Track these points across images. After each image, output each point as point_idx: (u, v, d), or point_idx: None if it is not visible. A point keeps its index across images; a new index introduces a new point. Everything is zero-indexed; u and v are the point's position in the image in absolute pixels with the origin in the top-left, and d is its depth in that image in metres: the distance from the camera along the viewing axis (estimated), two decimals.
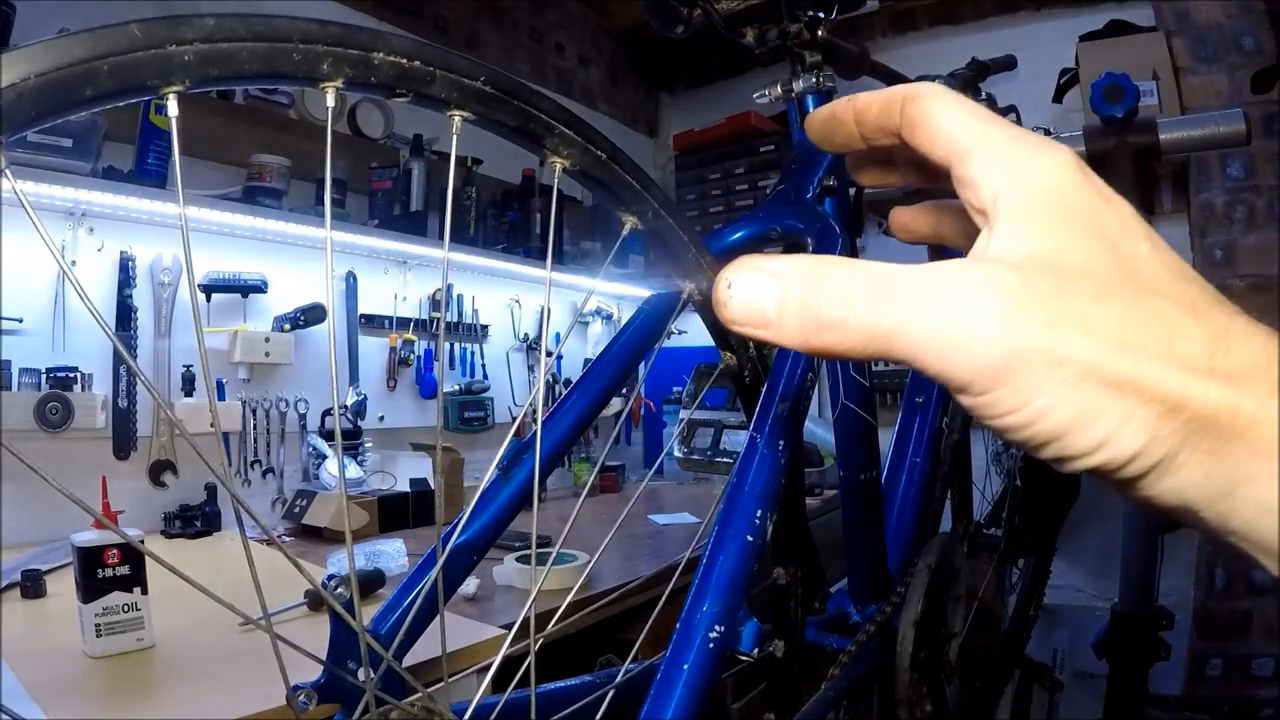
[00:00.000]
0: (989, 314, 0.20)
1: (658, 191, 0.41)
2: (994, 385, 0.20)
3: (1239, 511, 0.19)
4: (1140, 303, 0.20)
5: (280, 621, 0.92)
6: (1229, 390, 0.19)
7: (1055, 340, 0.19)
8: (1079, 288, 0.20)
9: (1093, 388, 0.19)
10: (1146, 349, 0.19)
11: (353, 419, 1.82)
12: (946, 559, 0.84)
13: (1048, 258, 0.21)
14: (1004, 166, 0.22)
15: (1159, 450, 0.19)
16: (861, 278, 0.21)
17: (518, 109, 0.34)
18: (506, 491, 0.51)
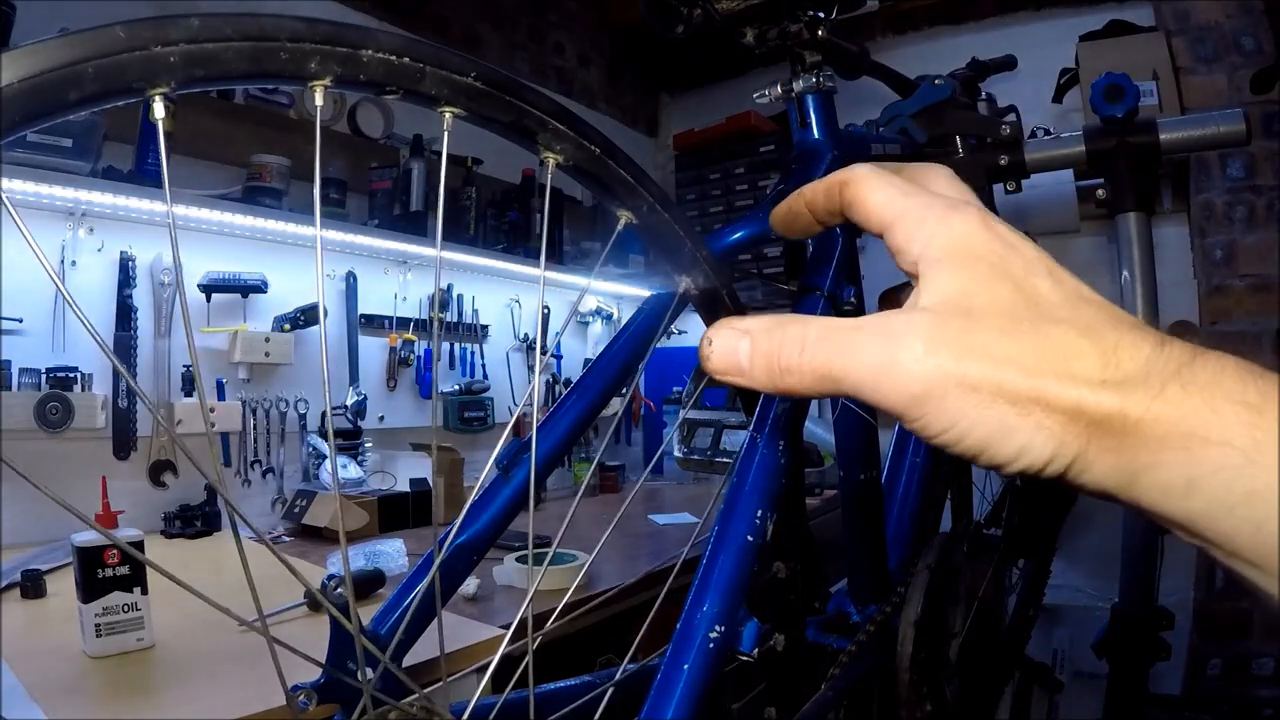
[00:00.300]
0: (909, 353, 0.24)
1: (653, 186, 0.41)
2: (921, 412, 0.24)
3: (1144, 495, 0.23)
4: (1039, 331, 0.24)
5: (281, 621, 0.92)
6: (1117, 397, 0.22)
7: (966, 370, 0.24)
8: (986, 324, 0.24)
9: (1003, 407, 0.23)
10: (1045, 370, 0.23)
11: (352, 419, 1.82)
12: (946, 559, 0.84)
13: (960, 301, 0.25)
14: (920, 233, 0.27)
15: (1068, 452, 0.23)
16: (813, 330, 0.26)
17: (510, 105, 0.33)
18: (506, 491, 0.51)
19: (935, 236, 0.26)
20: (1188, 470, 0.21)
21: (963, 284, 0.25)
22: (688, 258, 0.43)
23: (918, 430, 0.25)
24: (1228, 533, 0.21)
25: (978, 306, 0.25)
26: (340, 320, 1.89)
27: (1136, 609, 1.40)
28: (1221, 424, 0.21)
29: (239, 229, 1.61)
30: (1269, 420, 0.21)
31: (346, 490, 1.62)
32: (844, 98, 0.81)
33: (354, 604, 0.34)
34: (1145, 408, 0.22)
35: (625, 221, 0.40)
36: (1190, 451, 0.21)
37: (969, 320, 0.24)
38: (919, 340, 0.24)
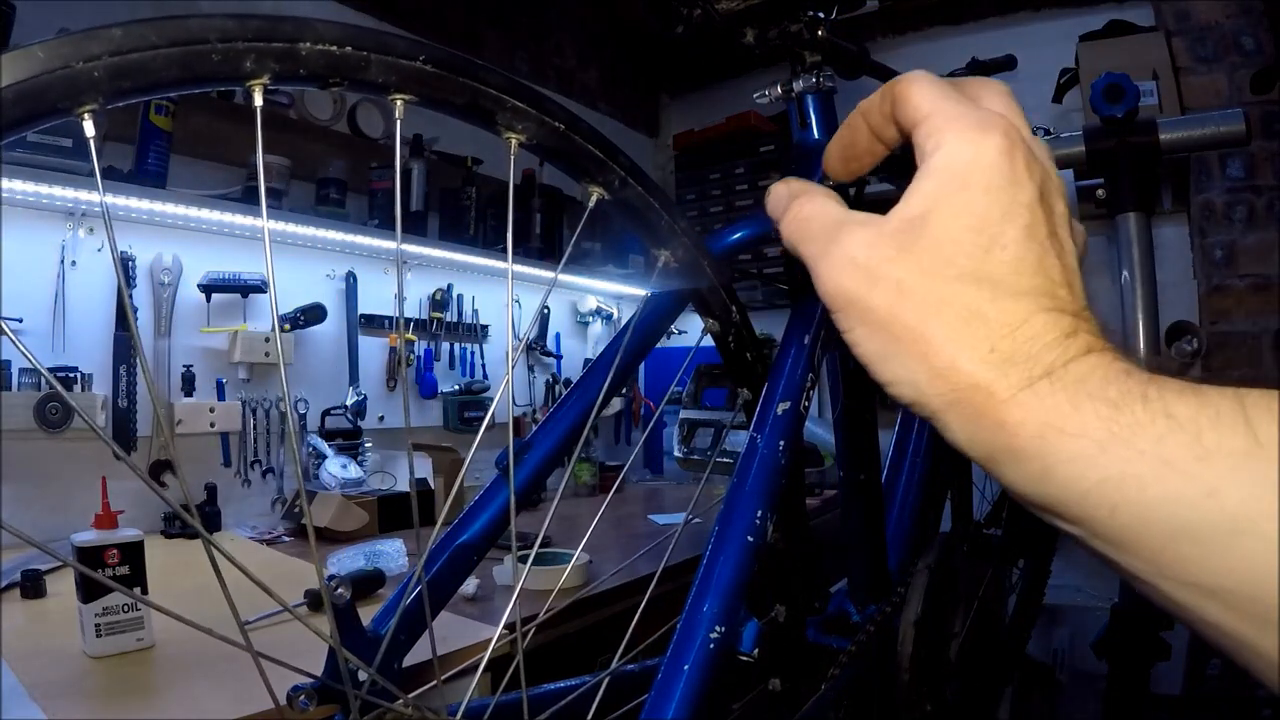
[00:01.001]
0: (836, 260, 0.27)
1: (623, 159, 0.40)
2: (833, 309, 0.27)
3: (1003, 474, 0.24)
4: (958, 285, 0.25)
5: (281, 622, 0.92)
6: (992, 374, 0.24)
7: (869, 294, 0.26)
8: (916, 258, 0.25)
9: (887, 336, 0.25)
10: (940, 321, 0.24)
11: (352, 419, 1.82)
12: (946, 559, 0.84)
13: (915, 223, 0.26)
14: (938, 135, 0.27)
15: (928, 405, 0.25)
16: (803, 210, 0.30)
17: (463, 86, 0.32)
18: (506, 491, 0.51)
19: (947, 144, 0.26)
20: (1043, 459, 0.23)
21: (933, 203, 0.26)
22: (665, 230, 0.42)
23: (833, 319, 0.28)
24: (1082, 516, 0.23)
25: (930, 231, 0.25)
26: (340, 320, 1.88)
27: (1136, 609, 1.40)
28: (1080, 418, 0.22)
29: (239, 229, 1.61)
30: (1126, 416, 0.22)
31: (347, 490, 1.62)
32: (844, 98, 0.81)
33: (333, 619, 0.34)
34: (1013, 393, 0.23)
35: (597, 197, 0.39)
36: (1046, 441, 0.23)
37: (908, 244, 0.26)
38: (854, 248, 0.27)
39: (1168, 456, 0.21)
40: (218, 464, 1.63)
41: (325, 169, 1.79)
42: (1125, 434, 0.22)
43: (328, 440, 1.73)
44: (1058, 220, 0.26)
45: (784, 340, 0.62)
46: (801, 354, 0.59)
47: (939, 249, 0.25)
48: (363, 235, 1.78)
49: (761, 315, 2.34)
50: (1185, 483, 0.21)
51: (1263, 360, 1.94)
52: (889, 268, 0.26)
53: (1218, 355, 1.97)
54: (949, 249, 0.25)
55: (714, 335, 0.57)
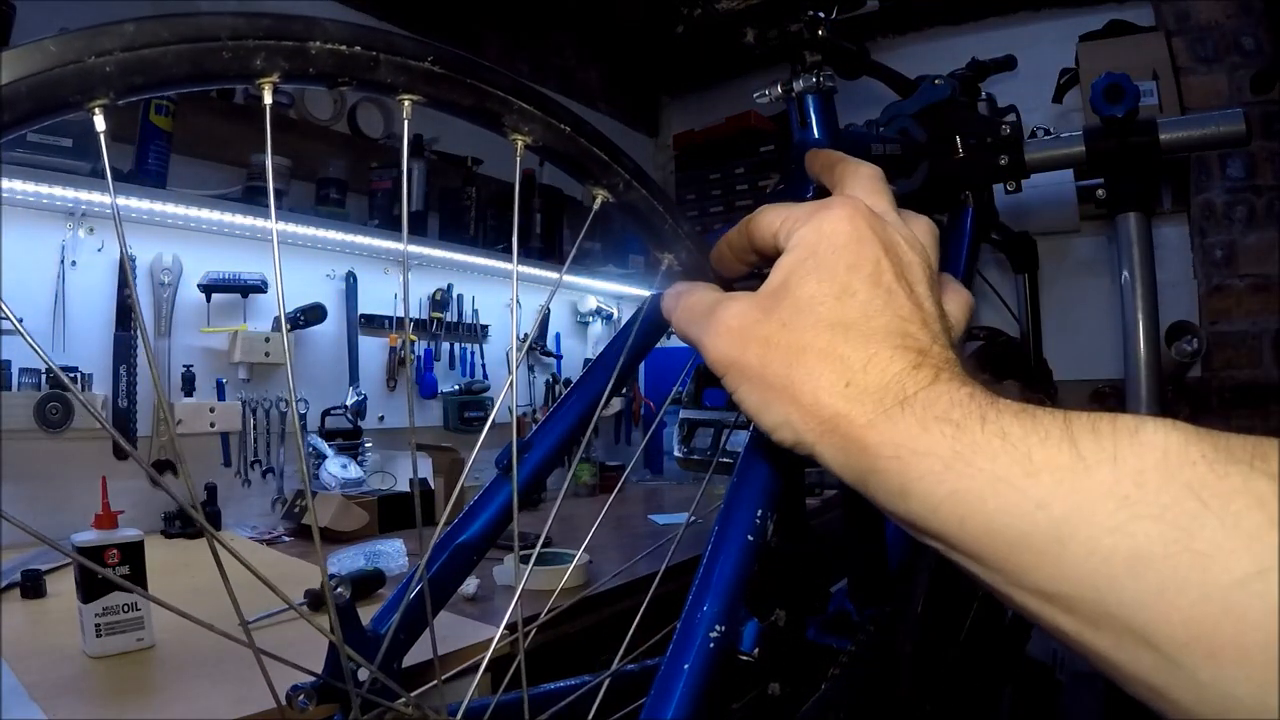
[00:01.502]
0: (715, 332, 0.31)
1: (628, 161, 0.40)
2: (720, 374, 0.31)
3: (874, 495, 0.27)
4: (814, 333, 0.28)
5: (281, 622, 0.92)
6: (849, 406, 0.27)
7: (743, 354, 0.30)
8: (778, 317, 0.29)
9: (762, 386, 0.29)
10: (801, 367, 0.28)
11: (352, 419, 1.82)
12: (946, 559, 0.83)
13: (779, 291, 0.30)
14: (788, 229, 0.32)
15: (807, 442, 0.28)
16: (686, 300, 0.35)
17: (471, 87, 0.32)
18: (506, 491, 0.51)
19: (797, 229, 0.31)
20: (900, 477, 0.25)
21: (790, 271, 0.30)
22: (668, 234, 0.42)
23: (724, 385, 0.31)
24: (939, 530, 0.25)
25: (789, 291, 0.30)
26: (340, 320, 1.88)
27: None
28: (928, 438, 0.25)
29: (239, 229, 1.61)
30: (967, 436, 0.24)
31: (347, 490, 1.62)
32: (844, 98, 0.81)
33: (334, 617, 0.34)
34: (870, 419, 0.26)
35: (601, 200, 0.39)
36: (901, 460, 0.25)
37: (773, 304, 0.30)
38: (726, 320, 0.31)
39: (1002, 473, 0.23)
40: (218, 464, 1.63)
41: (325, 169, 1.79)
42: (967, 453, 0.24)
43: (328, 440, 1.73)
44: (907, 268, 0.30)
45: None
46: None
47: (797, 305, 0.29)
48: (363, 235, 1.78)
49: None
50: (1019, 497, 0.23)
51: (1262, 360, 1.94)
52: (757, 328, 0.30)
53: (1218, 355, 1.97)
54: (805, 304, 0.29)
55: None
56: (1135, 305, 1.16)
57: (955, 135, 1.02)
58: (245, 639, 0.29)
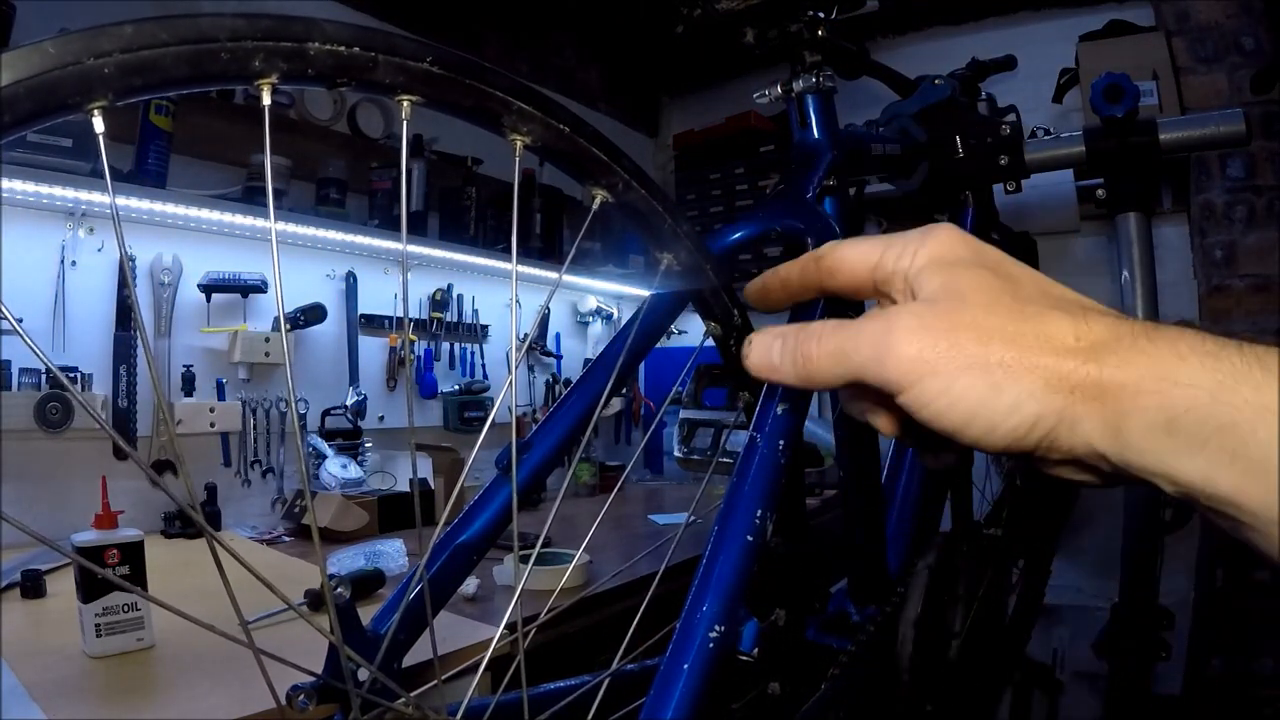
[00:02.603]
0: (903, 330, 0.28)
1: (627, 161, 0.40)
2: (913, 382, 0.27)
3: (1131, 442, 0.25)
4: (1020, 308, 0.27)
5: (280, 622, 0.92)
6: (1093, 358, 0.25)
7: (955, 343, 0.27)
8: (973, 304, 0.28)
9: (994, 373, 0.26)
10: (1028, 339, 0.26)
11: (352, 419, 1.82)
12: (946, 559, 0.84)
13: (949, 288, 0.29)
14: (904, 253, 0.31)
15: (1053, 410, 0.26)
16: (829, 325, 0.31)
17: (470, 88, 0.32)
18: (506, 491, 0.51)
19: (918, 251, 0.31)
20: (1165, 411, 0.24)
21: (949, 277, 0.29)
22: (667, 233, 0.42)
23: (911, 405, 0.28)
24: (1205, 470, 0.23)
25: (965, 290, 0.28)
26: (340, 320, 1.88)
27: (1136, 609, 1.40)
28: (1187, 369, 0.24)
29: (239, 229, 1.61)
30: (1227, 364, 0.23)
31: (347, 490, 1.62)
32: (844, 98, 0.81)
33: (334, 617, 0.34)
34: (1119, 363, 0.25)
35: (601, 200, 0.39)
36: (1163, 394, 0.24)
37: (958, 302, 0.28)
38: (912, 318, 0.28)
39: (1268, 402, 0.22)
40: (218, 464, 1.63)
41: (325, 169, 1.79)
42: (1229, 382, 0.23)
43: (328, 440, 1.73)
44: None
45: None
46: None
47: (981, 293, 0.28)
48: (363, 235, 1.78)
49: (762, 315, 2.34)
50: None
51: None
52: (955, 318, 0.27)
53: None
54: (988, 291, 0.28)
55: (715, 339, 0.57)
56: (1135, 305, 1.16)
57: (955, 135, 1.02)
58: (245, 639, 0.29)
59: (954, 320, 0.27)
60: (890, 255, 0.32)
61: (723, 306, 0.54)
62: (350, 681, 0.36)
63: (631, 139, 3.03)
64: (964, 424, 0.27)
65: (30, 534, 0.24)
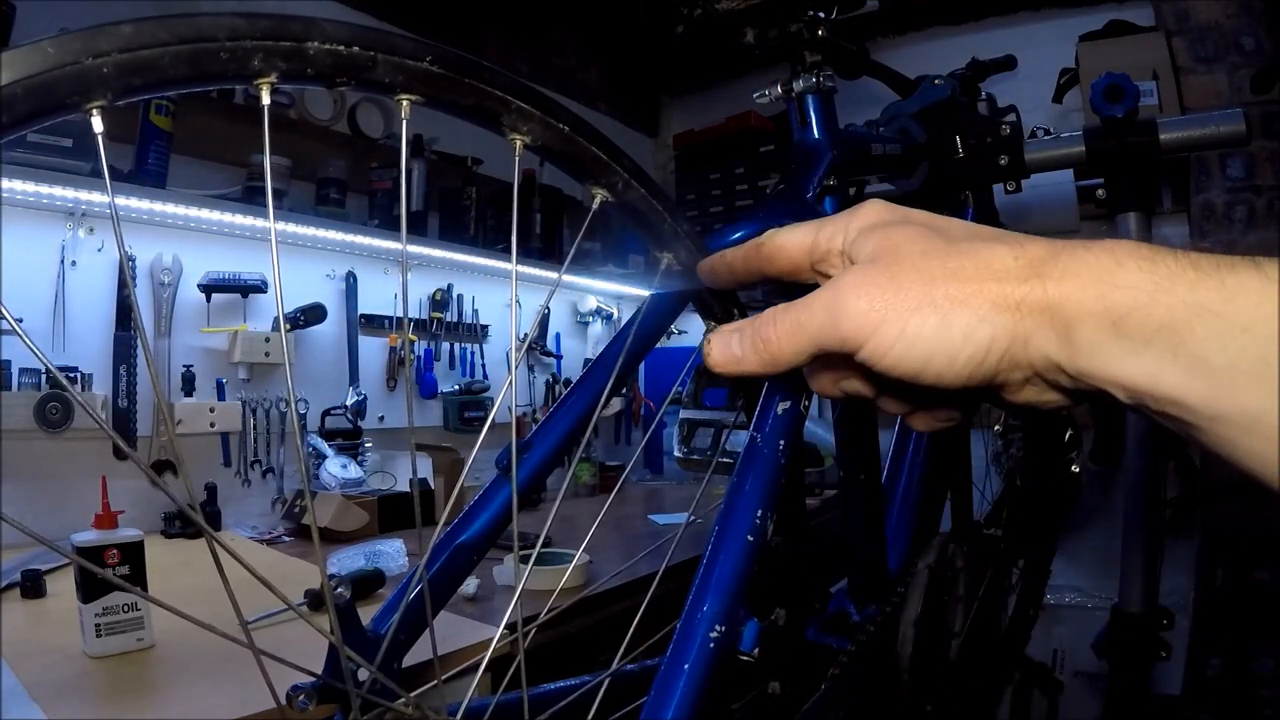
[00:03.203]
0: (849, 289, 0.29)
1: (627, 161, 0.40)
2: (868, 335, 0.28)
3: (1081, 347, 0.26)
4: (956, 249, 0.29)
5: (280, 622, 0.92)
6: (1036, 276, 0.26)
7: (900, 288, 0.28)
8: (909, 252, 0.29)
9: (942, 307, 0.27)
10: (969, 272, 0.27)
11: (352, 419, 1.82)
12: (946, 559, 0.84)
13: (884, 245, 0.30)
14: (835, 231, 0.33)
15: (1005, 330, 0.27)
16: (779, 309, 0.32)
17: (470, 87, 0.32)
18: (506, 491, 0.51)
19: (849, 225, 0.32)
20: (1109, 314, 0.25)
21: (881, 237, 0.31)
22: (667, 233, 0.42)
23: (870, 356, 0.29)
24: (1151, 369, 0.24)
25: (899, 243, 0.30)
26: (340, 320, 1.88)
27: (1136, 609, 1.40)
28: (1125, 273, 0.25)
29: (239, 229, 1.61)
30: (1163, 268, 0.24)
31: (347, 490, 1.62)
32: (844, 98, 0.81)
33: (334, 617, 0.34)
34: (1060, 275, 0.26)
35: (600, 199, 0.39)
36: (1105, 298, 0.25)
37: (895, 255, 0.29)
38: (856, 275, 0.29)
39: (1203, 301, 0.23)
40: (218, 464, 1.63)
41: (325, 169, 1.79)
42: (1166, 283, 0.24)
43: (328, 440, 1.73)
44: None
45: None
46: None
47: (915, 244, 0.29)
48: (363, 235, 1.78)
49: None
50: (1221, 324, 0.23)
51: None
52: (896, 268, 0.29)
53: None
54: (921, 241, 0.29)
55: None
56: None
57: (955, 135, 1.02)
58: (245, 639, 0.29)
59: (894, 270, 0.28)
60: (823, 235, 0.33)
61: (723, 305, 0.54)
62: (350, 681, 0.36)
63: (631, 139, 3.03)
64: (924, 363, 0.28)
65: (30, 534, 0.24)
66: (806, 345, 0.31)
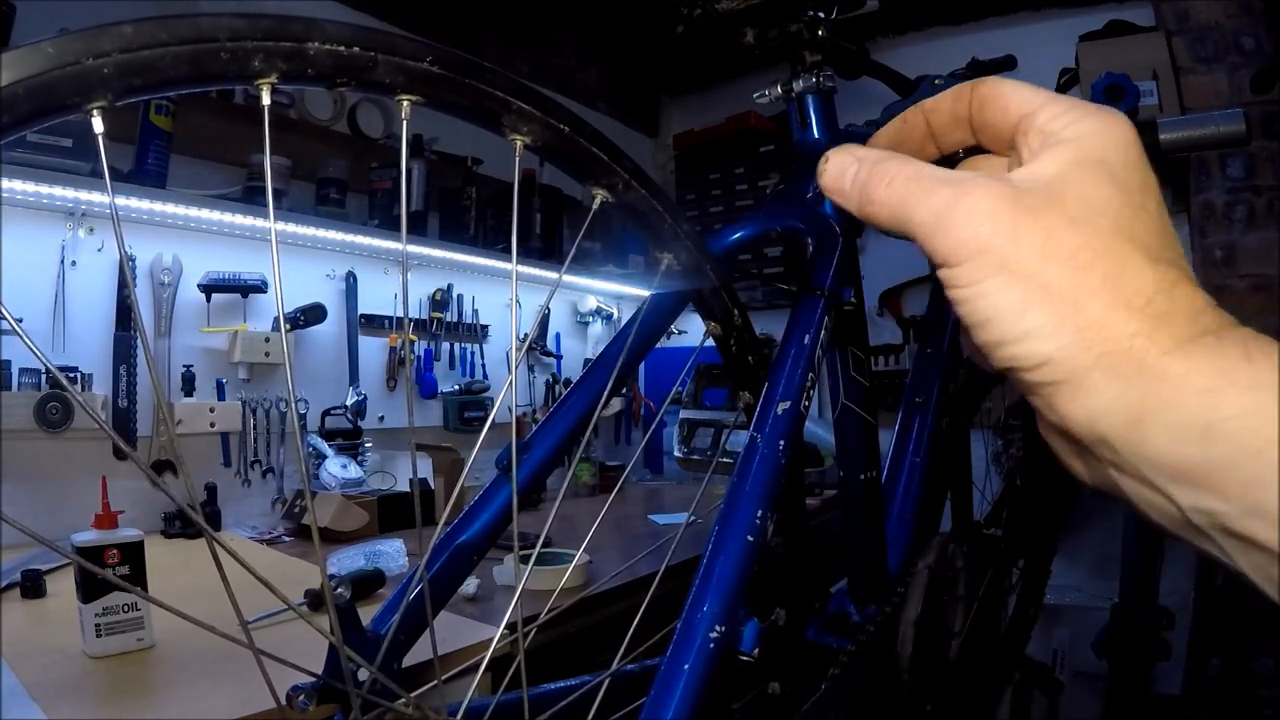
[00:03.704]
0: (971, 208, 0.25)
1: (627, 161, 0.39)
2: (958, 261, 0.25)
3: (1149, 439, 0.22)
4: (1110, 239, 0.23)
5: (280, 622, 0.92)
6: (1151, 324, 0.22)
7: (1014, 243, 0.24)
8: (1061, 211, 0.24)
9: (1031, 286, 0.23)
10: (1093, 273, 0.23)
11: (352, 419, 1.82)
12: (946, 559, 0.84)
13: (1055, 185, 0.25)
14: (1064, 118, 0.26)
15: (1069, 362, 0.23)
16: (906, 170, 0.27)
17: (470, 88, 0.32)
18: (506, 491, 0.51)
19: (1078, 122, 0.26)
20: (1208, 413, 0.21)
21: (1072, 168, 0.25)
22: (667, 233, 0.42)
23: (947, 280, 0.25)
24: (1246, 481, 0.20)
25: (1067, 195, 0.24)
26: (340, 320, 1.88)
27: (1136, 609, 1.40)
28: (1254, 370, 0.20)
29: (239, 229, 1.61)
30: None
31: (347, 490, 1.62)
32: (844, 98, 0.81)
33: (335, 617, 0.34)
34: (1176, 344, 0.22)
35: (601, 200, 0.39)
36: (1214, 394, 0.21)
37: (1048, 202, 0.24)
38: (986, 199, 0.24)
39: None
40: (218, 464, 1.63)
41: (325, 169, 1.79)
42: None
43: (328, 440, 1.73)
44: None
45: (784, 340, 0.62)
46: (801, 354, 0.59)
47: (1086, 205, 0.24)
48: (363, 235, 1.78)
49: (761, 315, 2.34)
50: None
51: None
52: (1034, 217, 0.24)
53: None
54: (1097, 206, 0.24)
55: (716, 339, 0.57)
56: None
57: None
58: (245, 639, 0.29)
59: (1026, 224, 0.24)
60: (1047, 112, 0.27)
61: (723, 306, 0.54)
62: (350, 682, 0.36)
63: (631, 139, 3.03)
64: (980, 324, 0.24)
65: (30, 534, 0.24)
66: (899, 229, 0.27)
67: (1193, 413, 0.21)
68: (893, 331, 2.41)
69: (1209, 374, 0.21)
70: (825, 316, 0.61)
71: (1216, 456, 0.20)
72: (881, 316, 2.44)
